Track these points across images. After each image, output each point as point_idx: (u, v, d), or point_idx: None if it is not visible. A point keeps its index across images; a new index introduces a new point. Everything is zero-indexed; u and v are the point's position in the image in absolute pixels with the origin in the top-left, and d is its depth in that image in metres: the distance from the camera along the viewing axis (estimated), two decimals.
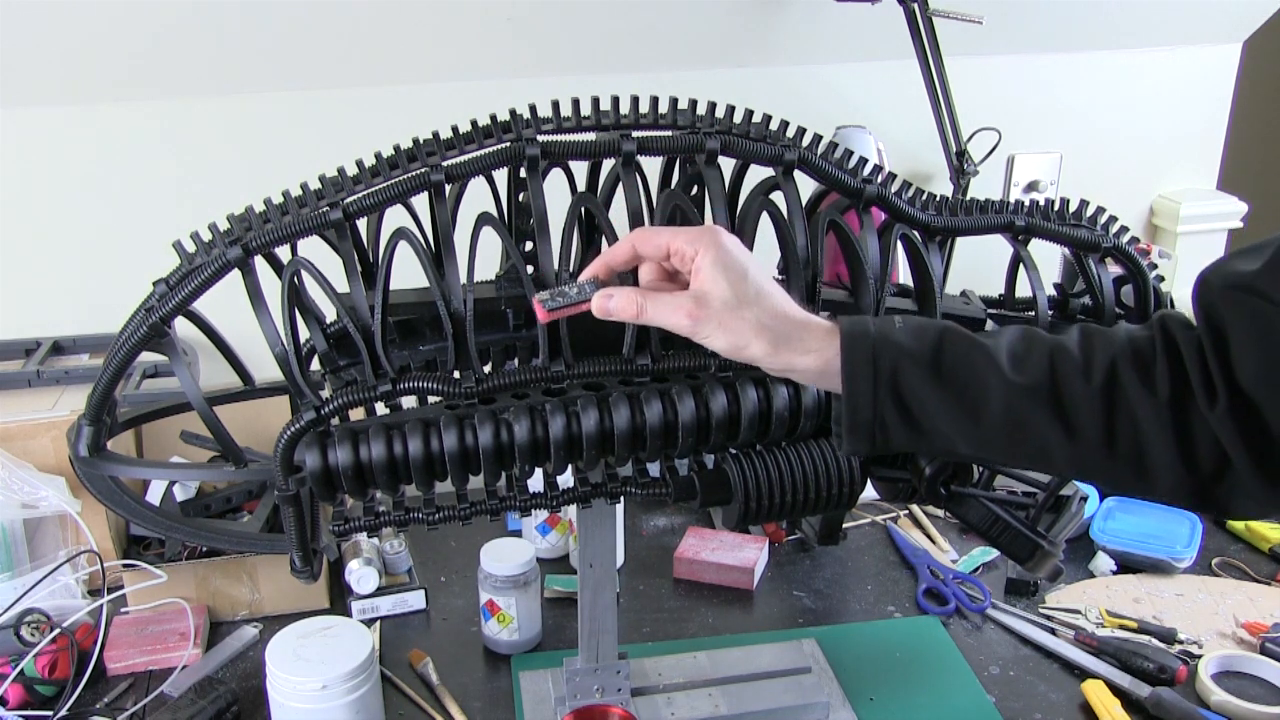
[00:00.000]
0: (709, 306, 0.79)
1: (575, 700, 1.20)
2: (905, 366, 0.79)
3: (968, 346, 0.80)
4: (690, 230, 0.81)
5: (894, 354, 0.79)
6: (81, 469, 1.01)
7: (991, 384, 0.78)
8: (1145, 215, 2.11)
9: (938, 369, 0.79)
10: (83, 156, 1.58)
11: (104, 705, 1.24)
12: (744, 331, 0.79)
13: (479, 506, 1.00)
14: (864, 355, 0.79)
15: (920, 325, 0.81)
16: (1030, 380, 0.78)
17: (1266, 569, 1.49)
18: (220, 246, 0.92)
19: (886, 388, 0.79)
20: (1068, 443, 0.78)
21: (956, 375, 0.79)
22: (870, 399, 0.79)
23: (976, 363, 0.79)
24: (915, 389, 0.79)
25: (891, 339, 0.80)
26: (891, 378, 0.79)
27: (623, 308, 0.81)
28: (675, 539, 1.55)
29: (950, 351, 0.79)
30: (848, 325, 0.80)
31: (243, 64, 1.57)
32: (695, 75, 1.75)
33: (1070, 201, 1.11)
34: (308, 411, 0.91)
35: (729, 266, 0.79)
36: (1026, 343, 0.81)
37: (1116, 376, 0.78)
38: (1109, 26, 1.90)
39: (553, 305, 0.83)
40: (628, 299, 0.81)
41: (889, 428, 0.80)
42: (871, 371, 0.79)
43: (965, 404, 0.79)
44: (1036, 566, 1.05)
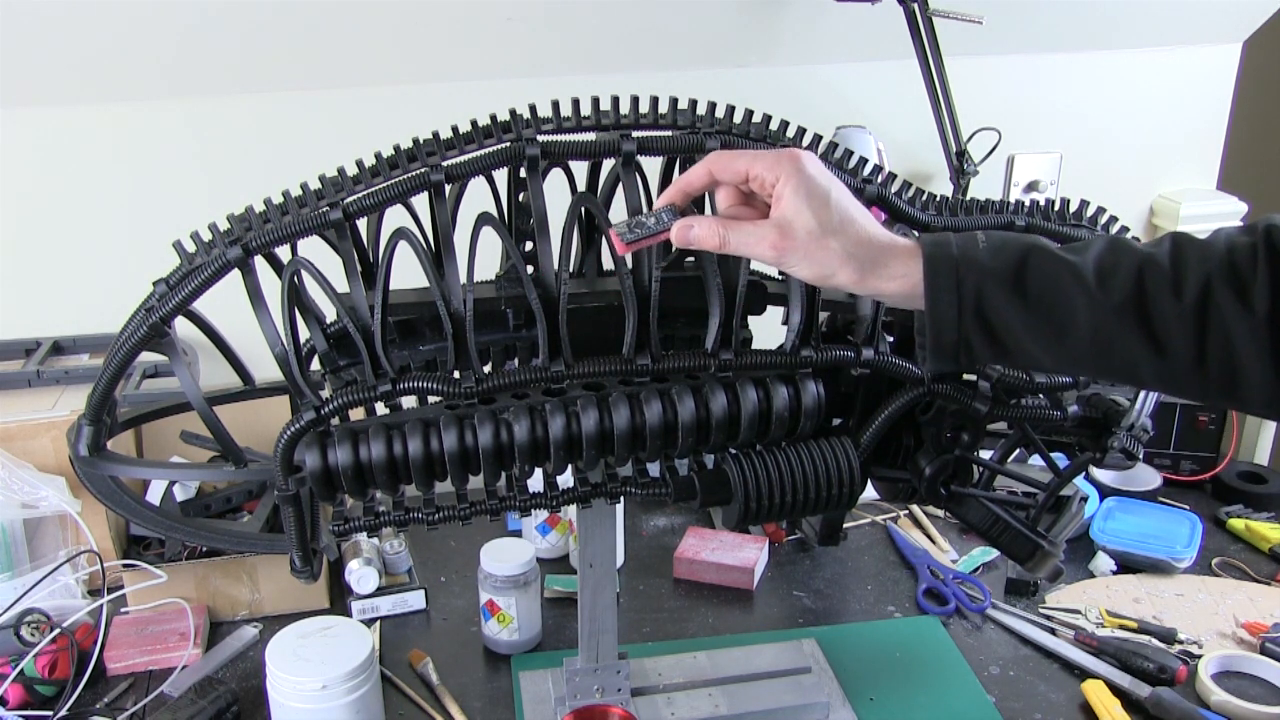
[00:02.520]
0: (793, 236, 0.78)
1: (575, 700, 1.20)
2: (989, 287, 0.78)
3: (1054, 263, 0.78)
4: (770, 154, 0.80)
5: (978, 275, 0.78)
6: (81, 469, 1.01)
7: (1078, 303, 0.77)
8: (1145, 215, 2.10)
9: (1022, 289, 0.77)
10: (82, 156, 1.58)
11: (104, 705, 1.24)
12: (829, 261, 0.78)
13: (479, 506, 1.00)
14: (947, 278, 0.78)
15: (1004, 241, 0.80)
16: (1118, 298, 0.76)
17: (1266, 569, 1.49)
18: (220, 246, 0.92)
19: (971, 309, 0.78)
20: (1157, 360, 0.77)
21: (1042, 295, 0.77)
22: (955, 321, 0.78)
23: (1062, 281, 0.77)
24: (999, 309, 0.78)
25: (975, 259, 0.78)
26: (976, 299, 0.78)
27: (704, 237, 0.80)
28: (675, 539, 1.55)
29: (1035, 270, 0.78)
30: (930, 246, 0.79)
31: (242, 65, 1.57)
32: (695, 75, 1.75)
33: (1070, 201, 1.11)
34: (308, 411, 0.91)
35: (812, 193, 0.78)
36: (1115, 256, 0.78)
37: (1211, 294, 0.75)
38: (1109, 26, 1.90)
39: (631, 237, 0.81)
40: (709, 228, 0.80)
41: (974, 348, 0.79)
42: (955, 295, 0.78)
43: (1051, 324, 0.77)
44: (1036, 566, 1.05)
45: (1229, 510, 1.60)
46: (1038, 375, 1.05)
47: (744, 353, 0.98)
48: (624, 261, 0.94)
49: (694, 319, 1.00)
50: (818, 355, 0.99)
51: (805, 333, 0.98)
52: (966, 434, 1.04)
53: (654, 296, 0.94)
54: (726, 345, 0.97)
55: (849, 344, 1.01)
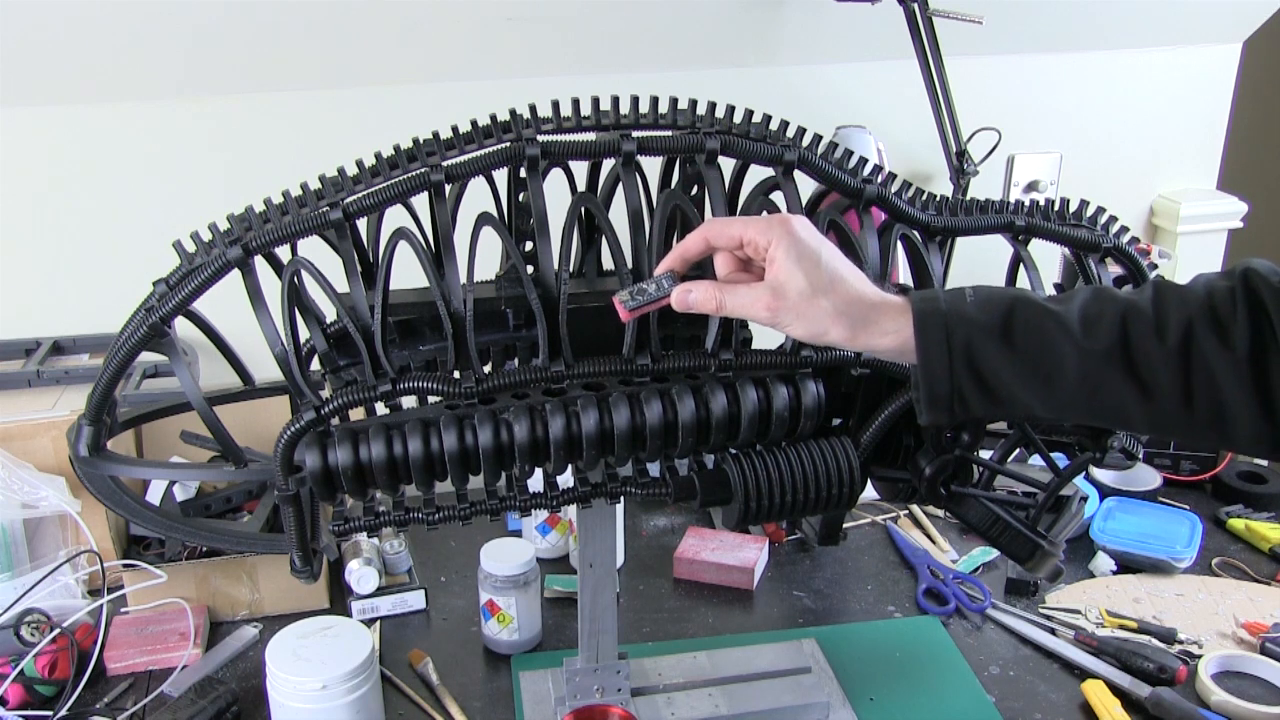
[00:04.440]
0: (786, 297, 0.80)
1: (575, 700, 1.20)
2: (978, 339, 0.80)
3: (1039, 314, 0.81)
4: (762, 220, 0.83)
5: (966, 328, 0.80)
6: (81, 469, 1.01)
7: (1065, 351, 0.79)
8: (1145, 215, 2.11)
9: (1010, 339, 0.80)
10: (82, 156, 1.58)
11: (104, 705, 1.24)
12: (821, 319, 0.81)
13: (479, 506, 1.00)
14: (937, 332, 0.80)
15: (990, 296, 0.82)
16: (1104, 344, 0.79)
17: (1266, 569, 1.49)
18: (220, 246, 0.92)
19: (961, 362, 0.80)
20: (1145, 403, 0.79)
21: (1029, 344, 0.80)
22: (946, 374, 0.80)
23: (1048, 330, 0.80)
24: (989, 361, 0.80)
25: (963, 313, 0.81)
26: (966, 352, 0.80)
27: (702, 301, 0.83)
28: (675, 539, 1.55)
29: (1021, 320, 0.80)
30: (919, 302, 0.81)
31: (241, 65, 1.57)
32: (695, 75, 1.75)
33: (1070, 201, 1.11)
34: (308, 411, 0.91)
35: (803, 255, 0.80)
36: (1099, 304, 0.81)
37: (1193, 336, 0.78)
38: (1109, 26, 1.90)
39: (634, 304, 0.84)
40: (706, 292, 0.83)
41: (967, 399, 0.81)
42: (946, 348, 0.80)
43: (1040, 372, 0.80)
44: (1036, 566, 1.05)
45: (1229, 510, 1.60)
46: None
47: (744, 353, 0.98)
48: (624, 261, 0.94)
49: (694, 319, 1.00)
50: (818, 355, 0.99)
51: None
52: (966, 434, 1.04)
53: None
54: (726, 345, 0.97)
55: None
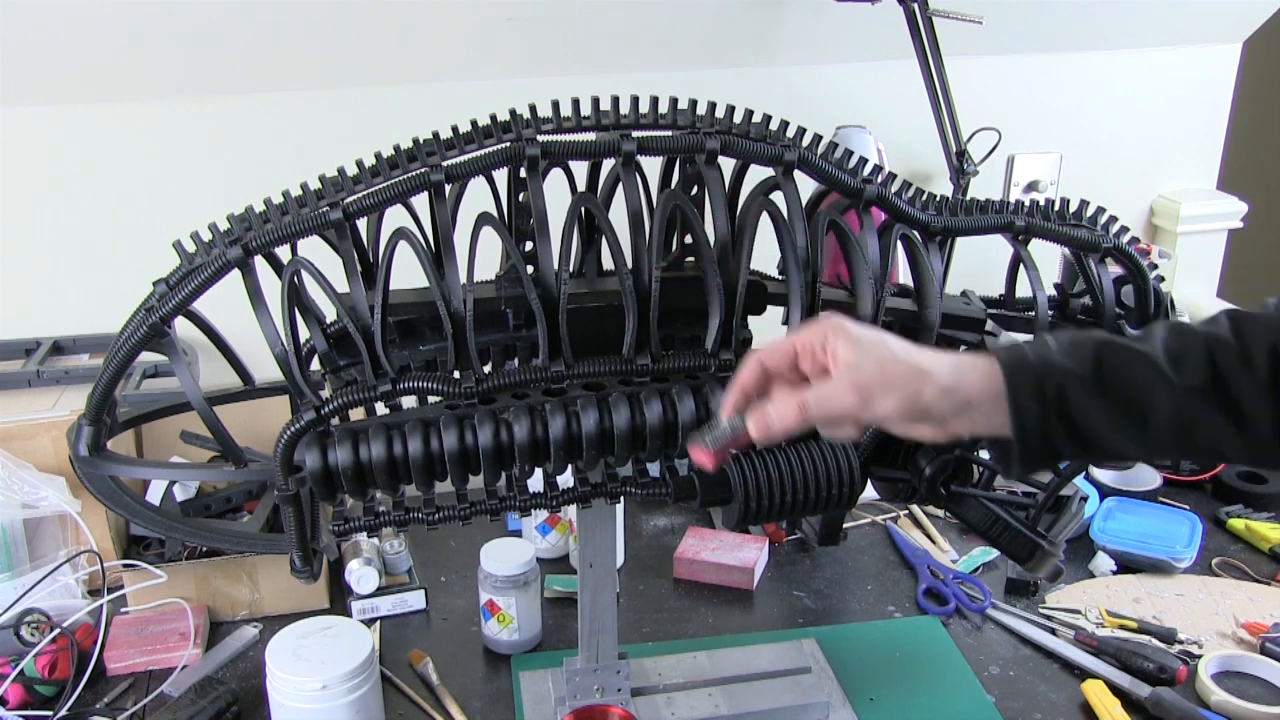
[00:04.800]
0: (866, 371, 0.77)
1: (575, 700, 1.20)
2: (1070, 387, 0.78)
3: (1128, 355, 0.79)
4: (809, 325, 0.81)
5: (1058, 376, 0.78)
6: (81, 469, 1.01)
7: (1157, 390, 0.78)
8: (1145, 215, 2.11)
9: (1101, 384, 0.78)
10: (82, 156, 1.58)
11: (104, 705, 1.24)
12: (911, 379, 0.78)
13: (479, 506, 1.00)
14: (1028, 382, 0.78)
15: (1075, 341, 0.81)
16: (1194, 380, 0.77)
17: (1266, 569, 1.49)
18: (220, 246, 0.92)
19: (1055, 411, 0.78)
20: (1240, 436, 0.78)
21: (1120, 387, 0.78)
22: (1039, 424, 0.78)
23: (1138, 371, 0.78)
24: (1082, 407, 0.78)
25: (1052, 362, 0.79)
26: (1058, 400, 0.78)
27: (784, 413, 0.78)
28: (675, 539, 1.55)
29: (1111, 364, 0.79)
30: (1005, 355, 0.80)
31: (241, 66, 1.57)
32: (695, 75, 1.75)
33: (1070, 201, 1.11)
34: (308, 411, 0.91)
35: (862, 336, 0.79)
36: (1180, 340, 0.80)
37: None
38: (1109, 26, 1.90)
39: (717, 445, 0.81)
40: (785, 403, 0.78)
41: (1059, 449, 0.79)
42: (1038, 398, 0.78)
43: (1133, 414, 0.78)
44: (1036, 566, 1.05)
45: (1229, 510, 1.60)
46: None
47: (744, 353, 0.98)
48: (624, 261, 0.94)
49: (694, 319, 1.00)
50: None
51: None
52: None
53: (654, 296, 0.94)
54: (726, 345, 0.97)
55: None
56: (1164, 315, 1.14)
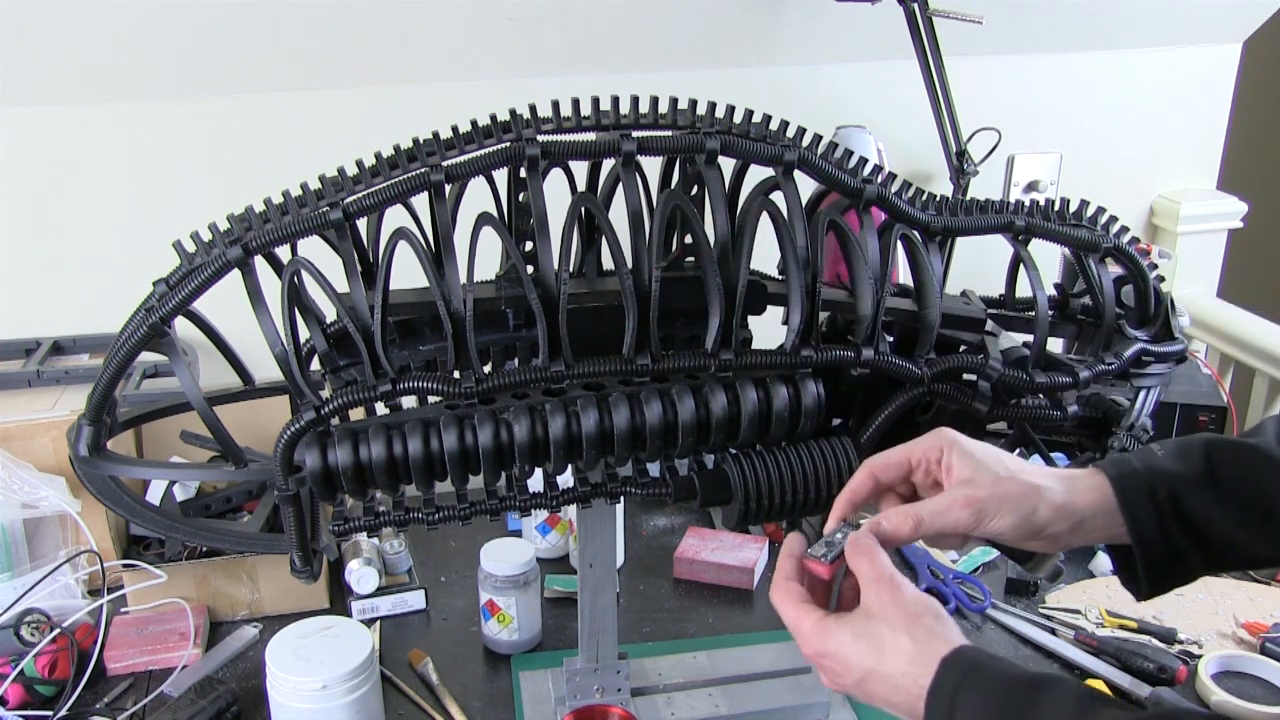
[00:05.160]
0: (982, 488, 0.77)
1: (575, 700, 1.20)
2: (1184, 490, 0.78)
3: (1239, 451, 0.79)
4: (923, 438, 0.80)
5: (1169, 481, 0.78)
6: (81, 469, 1.01)
7: (1276, 480, 0.77)
8: (1145, 215, 2.11)
9: (1216, 483, 0.78)
10: (83, 156, 1.58)
11: (104, 705, 1.24)
12: (1027, 497, 0.77)
13: (479, 506, 1.00)
14: (1140, 491, 0.78)
15: (1182, 445, 0.80)
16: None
17: (1266, 569, 1.49)
18: (220, 246, 0.92)
19: (1171, 516, 0.78)
20: None
21: (1237, 483, 0.78)
22: (1158, 532, 0.78)
23: (1253, 465, 0.78)
24: (1201, 509, 0.78)
25: (1160, 467, 0.78)
26: (1173, 505, 0.78)
27: (899, 524, 0.78)
28: (675, 539, 1.55)
29: (1222, 461, 0.78)
30: (1113, 466, 0.79)
31: (241, 65, 1.57)
32: (695, 75, 1.75)
33: (1070, 201, 1.11)
34: (308, 411, 0.91)
35: (976, 452, 0.78)
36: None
37: None
38: (1109, 26, 1.90)
39: (832, 557, 0.79)
40: (901, 514, 0.78)
41: (1185, 555, 0.79)
42: (1153, 505, 0.77)
43: (1256, 509, 0.78)
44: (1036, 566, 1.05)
45: None
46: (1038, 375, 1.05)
47: (744, 353, 0.98)
48: (624, 261, 0.94)
49: (694, 319, 1.00)
50: (818, 355, 0.99)
51: (805, 333, 0.98)
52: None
53: (654, 296, 0.94)
54: (726, 345, 0.97)
55: (849, 344, 1.01)
56: (1164, 315, 1.14)
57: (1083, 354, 1.15)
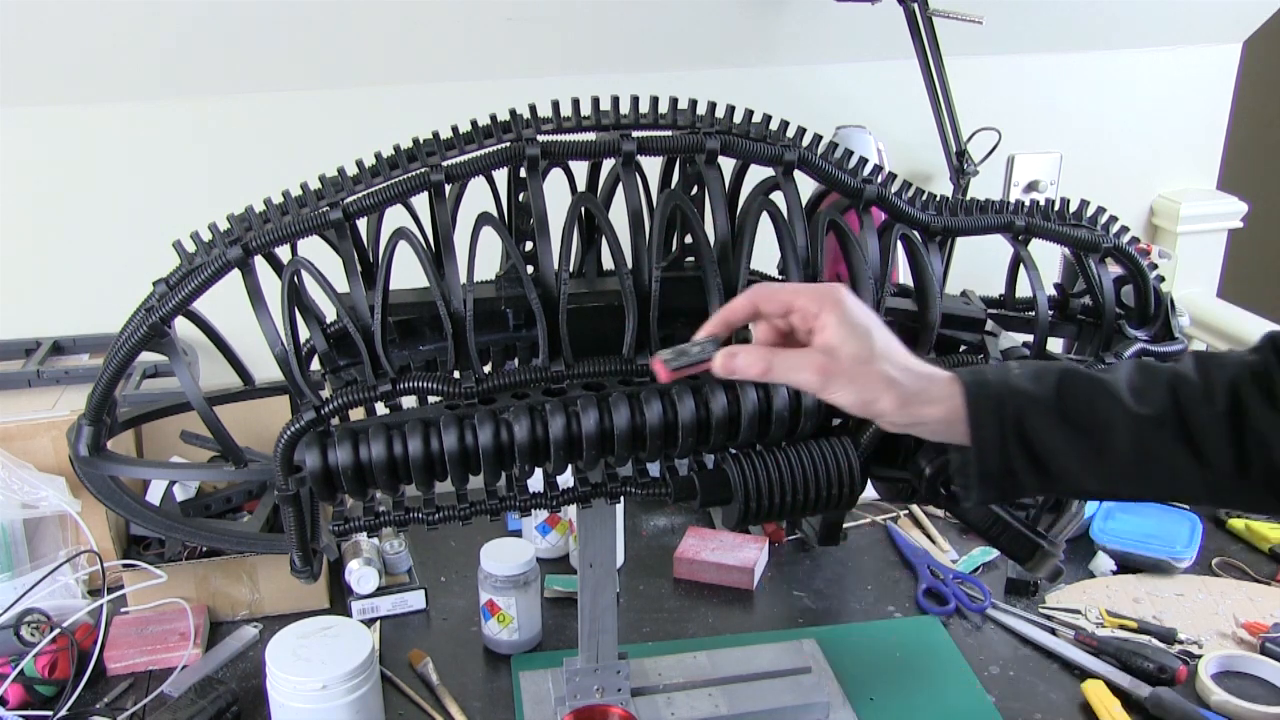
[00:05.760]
0: (838, 361, 0.78)
1: (575, 700, 1.20)
2: (1031, 412, 0.79)
3: (1089, 384, 0.80)
4: (813, 287, 0.81)
5: (1019, 400, 0.79)
6: (81, 469, 1.01)
7: (1117, 419, 0.78)
8: (1145, 215, 2.11)
9: (1062, 411, 0.79)
10: (82, 156, 1.58)
11: (104, 705, 1.24)
12: (874, 386, 0.78)
13: (479, 506, 1.00)
14: (989, 404, 0.79)
15: (1039, 369, 0.81)
16: (1155, 411, 0.78)
17: (1266, 569, 1.49)
18: (220, 246, 0.92)
19: (1014, 435, 0.79)
20: (1199, 470, 0.78)
21: (1081, 415, 0.79)
22: (998, 447, 0.79)
23: (1099, 400, 0.79)
24: (1042, 433, 0.79)
25: (1013, 385, 0.80)
26: (1018, 424, 0.79)
27: (748, 365, 0.80)
28: (675, 539, 1.55)
29: (1072, 392, 0.79)
30: (969, 375, 0.80)
31: (242, 64, 1.57)
32: (695, 75, 1.75)
33: (1070, 201, 1.11)
34: (308, 411, 0.91)
35: (856, 323, 0.79)
36: (1145, 375, 0.80)
37: (1240, 398, 0.77)
38: (1109, 26, 1.90)
39: (676, 364, 0.81)
40: (753, 356, 0.80)
41: (1018, 474, 0.80)
42: (998, 420, 0.79)
43: (1093, 442, 0.79)
44: (1036, 566, 1.05)
45: (1229, 510, 1.60)
46: None
47: None
48: (624, 261, 0.95)
49: (694, 319, 1.00)
50: None
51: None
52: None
53: (654, 296, 0.94)
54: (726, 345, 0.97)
55: None
56: (1164, 315, 1.14)
57: (1083, 354, 1.15)
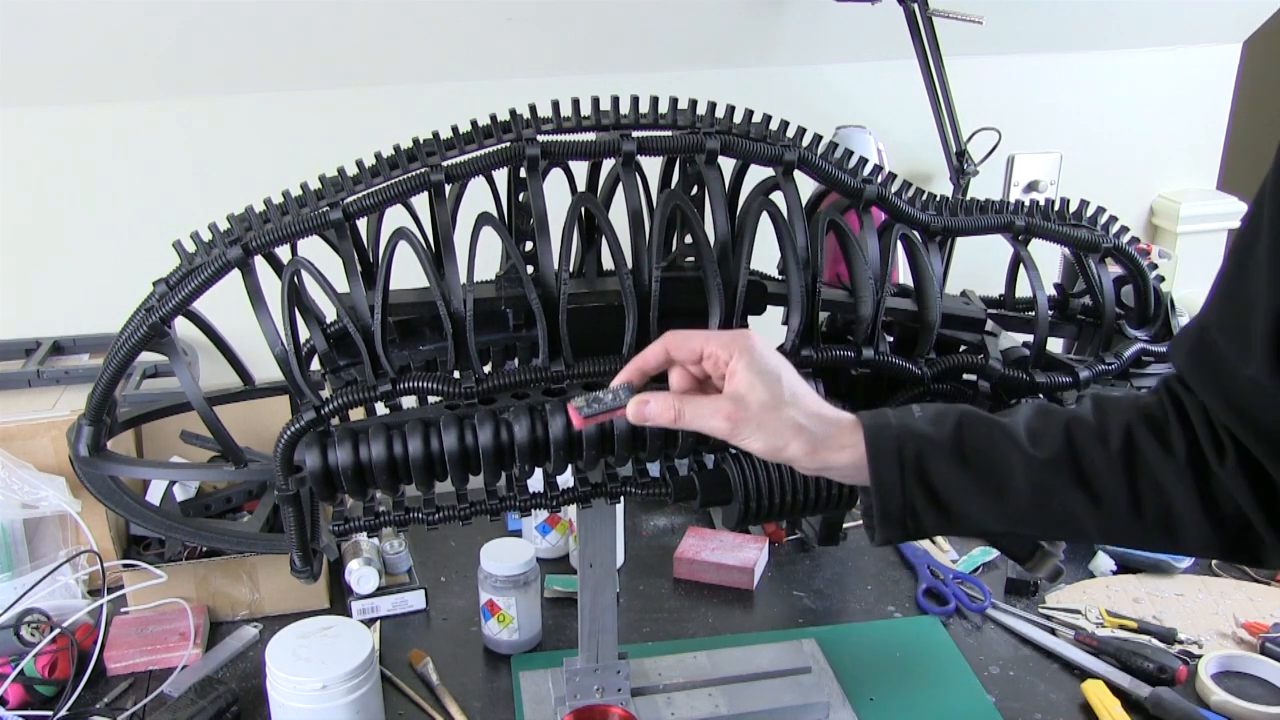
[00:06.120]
0: (747, 408, 0.79)
1: (575, 700, 1.20)
2: (930, 453, 0.80)
3: (987, 427, 0.81)
4: (723, 334, 0.82)
5: (917, 443, 0.80)
6: (81, 469, 1.01)
7: (1014, 461, 0.79)
8: (1145, 215, 2.11)
9: (960, 453, 0.80)
10: (83, 156, 1.58)
11: (104, 705, 1.24)
12: (782, 432, 0.79)
13: (479, 506, 1.00)
14: (889, 447, 0.80)
15: (939, 411, 0.82)
16: (1050, 453, 0.79)
17: (1266, 569, 1.49)
18: (220, 246, 0.92)
19: (913, 476, 0.80)
20: (1095, 510, 0.79)
21: (979, 456, 0.80)
22: (898, 488, 0.80)
23: (997, 442, 0.80)
24: (941, 474, 0.80)
25: (913, 428, 0.81)
26: (917, 466, 0.80)
27: (659, 413, 0.81)
28: (675, 539, 1.55)
29: (970, 434, 0.80)
30: (869, 419, 0.81)
31: (243, 65, 1.57)
32: (695, 75, 1.75)
33: (1070, 201, 1.11)
34: (308, 411, 0.91)
35: (764, 370, 0.80)
36: (1043, 418, 0.81)
37: (1133, 440, 0.78)
38: (1109, 26, 1.90)
39: (588, 411, 0.82)
40: (664, 404, 0.81)
41: (919, 514, 0.81)
42: (897, 462, 0.80)
43: (991, 484, 0.80)
44: (1036, 566, 1.05)
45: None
46: (1038, 375, 1.05)
47: None
48: (624, 261, 0.94)
49: (694, 319, 1.00)
50: (818, 355, 0.99)
51: (805, 333, 0.98)
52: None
53: (654, 296, 0.94)
54: None
55: (849, 344, 1.01)
56: (1164, 315, 1.14)
57: (1083, 354, 1.15)
